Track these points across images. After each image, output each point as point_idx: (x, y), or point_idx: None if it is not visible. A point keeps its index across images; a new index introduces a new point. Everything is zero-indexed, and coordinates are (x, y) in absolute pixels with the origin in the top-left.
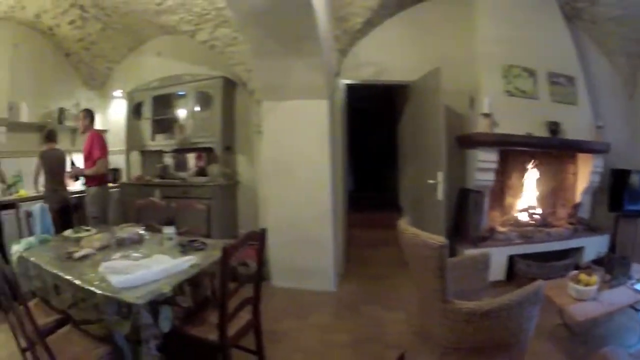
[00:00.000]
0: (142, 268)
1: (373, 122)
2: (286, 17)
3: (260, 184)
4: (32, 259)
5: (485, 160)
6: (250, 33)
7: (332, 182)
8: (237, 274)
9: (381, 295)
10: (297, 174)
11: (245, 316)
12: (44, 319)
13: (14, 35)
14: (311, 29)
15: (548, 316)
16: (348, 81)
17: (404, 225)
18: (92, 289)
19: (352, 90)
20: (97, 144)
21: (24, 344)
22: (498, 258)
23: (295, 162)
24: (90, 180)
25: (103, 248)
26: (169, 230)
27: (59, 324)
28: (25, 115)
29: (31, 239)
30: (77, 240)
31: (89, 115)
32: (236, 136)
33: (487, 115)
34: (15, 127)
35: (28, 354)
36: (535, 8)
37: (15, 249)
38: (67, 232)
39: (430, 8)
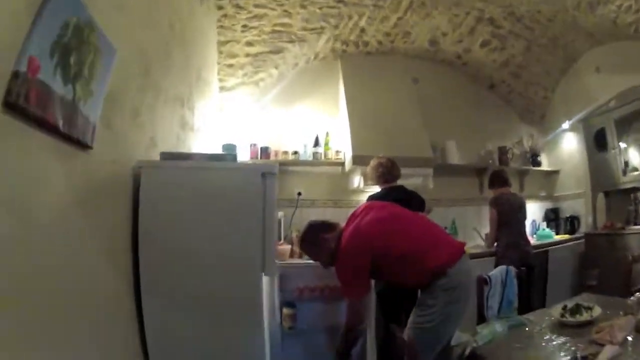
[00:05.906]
0: None
1: None
2: None
3: None
4: None
5: None
6: None
7: None
8: None
9: None
10: None
11: None
12: None
13: (409, 69)
14: None
15: None
16: None
17: None
18: None
19: None
20: None
21: None
22: None
23: None
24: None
25: (626, 341)
26: None
27: None
28: (454, 157)
29: (496, 325)
30: (578, 327)
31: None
32: None
33: None
34: (442, 170)
35: None
36: None
37: (467, 340)
38: (555, 312)
39: None
